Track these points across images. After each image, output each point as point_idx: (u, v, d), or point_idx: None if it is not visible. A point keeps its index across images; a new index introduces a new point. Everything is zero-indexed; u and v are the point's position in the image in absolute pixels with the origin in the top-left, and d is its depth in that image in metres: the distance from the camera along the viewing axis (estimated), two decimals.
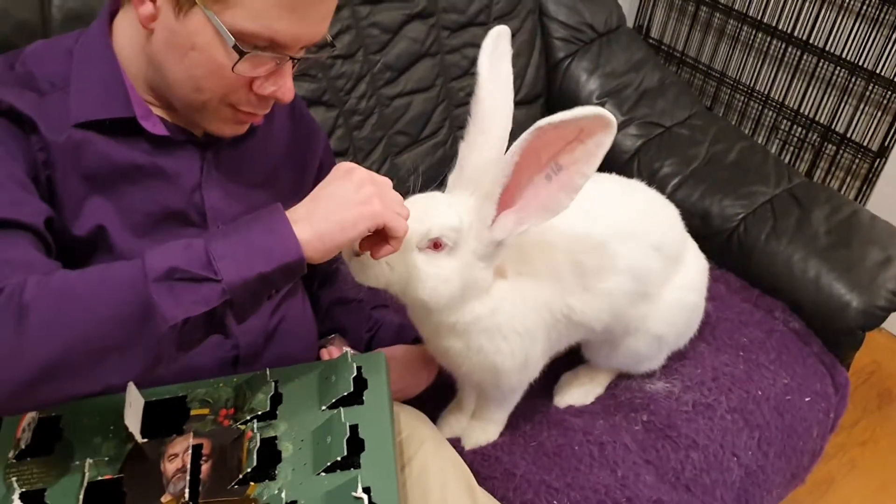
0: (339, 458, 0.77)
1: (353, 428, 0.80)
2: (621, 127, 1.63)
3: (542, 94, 1.64)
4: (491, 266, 0.96)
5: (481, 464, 1.15)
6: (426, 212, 0.90)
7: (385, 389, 0.87)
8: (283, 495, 0.75)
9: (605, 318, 1.09)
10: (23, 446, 0.80)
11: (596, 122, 0.82)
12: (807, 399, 1.33)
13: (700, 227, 1.50)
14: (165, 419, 0.84)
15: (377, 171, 1.46)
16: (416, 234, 0.89)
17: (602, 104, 1.63)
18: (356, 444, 0.79)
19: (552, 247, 1.03)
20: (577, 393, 1.28)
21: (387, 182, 0.82)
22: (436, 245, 0.91)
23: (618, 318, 1.12)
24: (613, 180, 1.18)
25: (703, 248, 1.31)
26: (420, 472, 0.97)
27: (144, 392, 0.85)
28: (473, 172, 0.93)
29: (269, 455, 0.79)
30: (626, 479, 1.14)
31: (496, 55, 0.95)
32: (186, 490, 0.75)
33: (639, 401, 1.27)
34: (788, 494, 1.40)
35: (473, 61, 1.57)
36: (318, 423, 0.82)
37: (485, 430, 1.22)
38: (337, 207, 0.77)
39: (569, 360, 1.26)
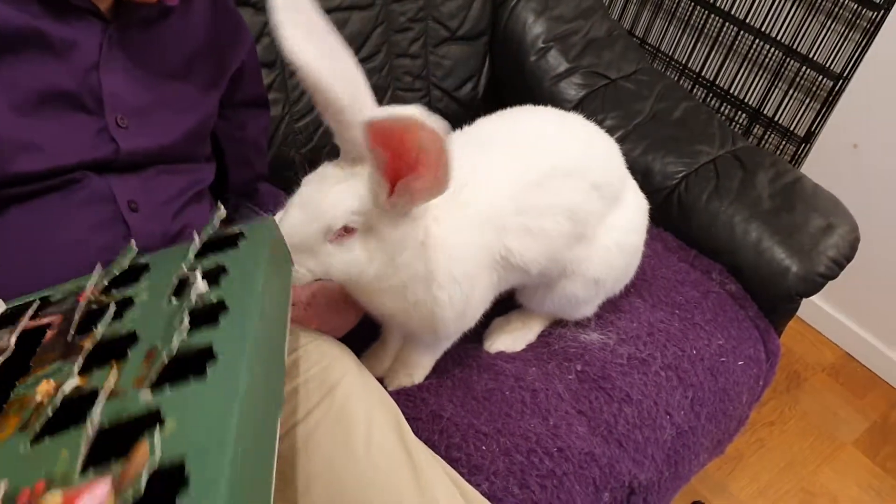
0: (190, 312, 0.61)
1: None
2: (565, 75, 1.55)
3: (485, 31, 1.54)
4: (416, 223, 0.86)
5: (405, 404, 1.04)
6: (321, 204, 0.81)
7: (263, 254, 0.71)
8: (122, 328, 0.62)
9: (542, 260, 1.01)
10: None
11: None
12: (740, 363, 1.28)
13: (641, 184, 1.42)
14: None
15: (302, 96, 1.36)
16: (318, 233, 0.81)
17: (548, 48, 1.55)
18: (214, 309, 0.63)
19: (487, 186, 0.94)
20: (509, 339, 1.19)
21: None
22: (346, 230, 0.82)
23: (555, 260, 1.04)
24: (551, 113, 1.10)
25: None
26: (342, 405, 0.85)
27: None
28: (352, 146, 0.82)
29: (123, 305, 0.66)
30: (557, 429, 1.06)
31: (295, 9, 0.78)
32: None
33: (573, 350, 1.19)
34: (709, 463, 1.36)
35: None
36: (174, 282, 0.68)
37: (409, 375, 1.11)
38: None
39: (501, 305, 1.17)
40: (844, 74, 1.95)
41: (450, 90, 1.52)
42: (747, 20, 2.06)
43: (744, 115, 2.15)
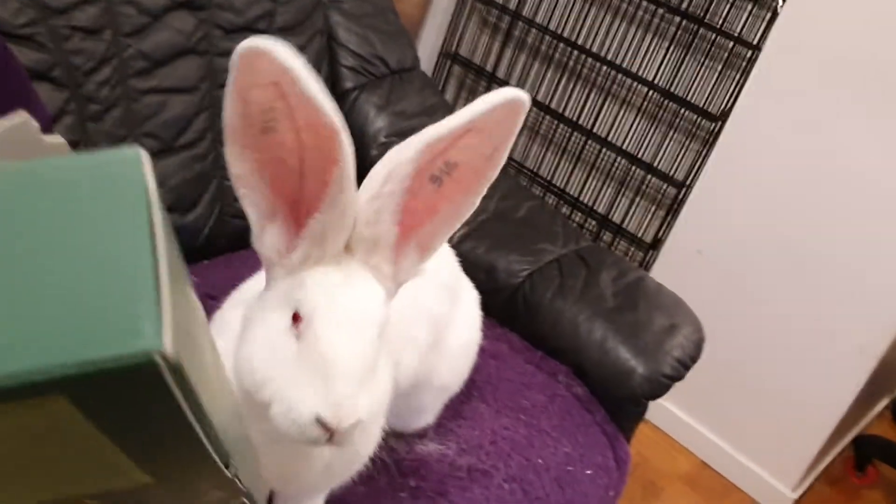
0: None
1: None
2: None
3: None
4: None
5: None
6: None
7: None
8: None
9: (411, 374, 0.91)
10: None
11: (507, 110, 0.63)
12: (588, 472, 1.19)
13: (485, 282, 1.37)
14: None
15: None
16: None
17: (389, 143, 1.49)
18: None
19: None
20: None
21: None
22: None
23: (416, 372, 0.94)
24: None
25: (488, 303, 1.18)
26: None
27: None
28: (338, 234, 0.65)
29: None
30: None
31: None
32: None
33: (407, 463, 1.06)
34: None
35: None
36: None
37: None
38: None
39: None
40: (687, 182, 2.00)
41: None
42: (594, 129, 2.11)
43: (593, 222, 2.17)
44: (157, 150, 1.27)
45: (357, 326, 0.62)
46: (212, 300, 1.27)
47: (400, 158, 0.64)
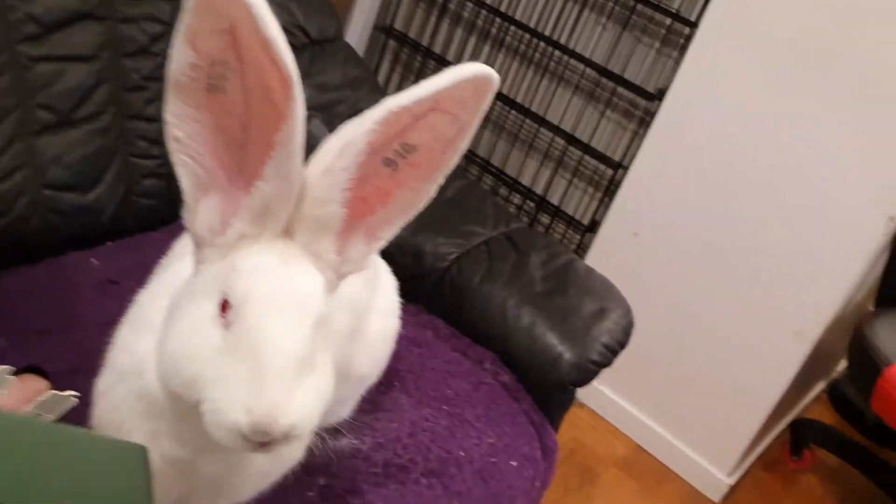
0: None
1: None
2: None
3: None
4: None
5: None
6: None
7: None
8: None
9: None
10: None
11: (474, 88, 0.59)
12: (513, 463, 1.14)
13: (412, 266, 1.32)
14: None
15: (3, 152, 1.12)
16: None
17: (309, 117, 1.41)
18: None
19: None
20: None
21: None
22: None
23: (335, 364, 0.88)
24: None
25: (414, 289, 1.13)
26: None
27: None
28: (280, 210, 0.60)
29: None
30: None
31: None
32: None
33: (317, 460, 1.00)
34: None
35: (154, 38, 1.28)
36: None
37: None
38: None
39: None
40: (623, 163, 1.96)
41: None
42: (531, 108, 2.05)
43: (531, 204, 2.12)
44: (54, 124, 1.17)
45: (293, 316, 0.56)
46: (113, 285, 1.19)
47: (356, 132, 0.58)
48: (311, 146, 0.59)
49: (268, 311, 0.55)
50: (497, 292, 1.28)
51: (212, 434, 0.54)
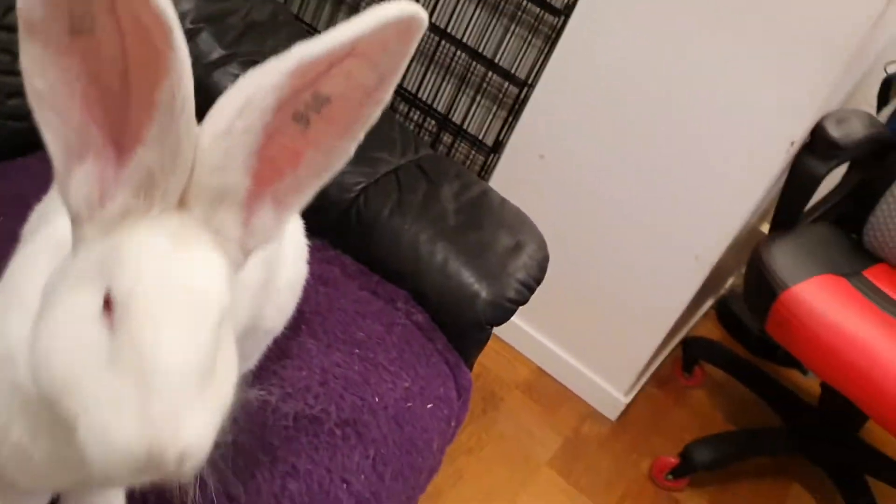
0: None
1: None
2: (220, 63, 1.27)
3: None
4: None
5: None
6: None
7: None
8: None
9: (241, 322, 0.77)
10: None
11: (399, 30, 0.49)
12: (429, 406, 1.10)
13: (315, 198, 1.22)
14: None
15: None
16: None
17: (197, 30, 1.27)
18: None
19: None
20: None
21: None
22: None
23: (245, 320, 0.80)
24: None
25: (318, 223, 1.04)
26: None
27: None
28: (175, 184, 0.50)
29: None
30: None
31: None
32: None
33: None
34: None
35: None
36: None
37: None
38: None
39: None
40: (529, 81, 1.89)
41: None
42: (433, 20, 1.94)
43: (433, 122, 2.03)
44: None
45: (189, 320, 0.46)
46: None
47: (259, 85, 0.48)
48: (201, 63, 0.49)
49: (157, 315, 0.45)
50: (408, 226, 1.21)
51: (90, 463, 0.44)
